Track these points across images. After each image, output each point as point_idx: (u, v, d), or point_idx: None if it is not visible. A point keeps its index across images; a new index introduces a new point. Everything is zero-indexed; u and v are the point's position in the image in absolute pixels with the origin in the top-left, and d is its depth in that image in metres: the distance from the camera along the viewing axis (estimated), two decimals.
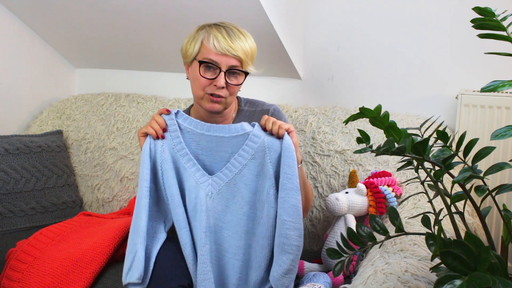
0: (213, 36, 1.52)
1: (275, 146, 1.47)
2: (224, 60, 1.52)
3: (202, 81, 1.54)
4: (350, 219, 1.74)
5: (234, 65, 1.54)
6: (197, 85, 1.56)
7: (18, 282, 1.73)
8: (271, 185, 1.46)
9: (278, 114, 1.69)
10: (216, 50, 1.52)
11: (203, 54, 1.54)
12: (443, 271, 0.98)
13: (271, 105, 1.72)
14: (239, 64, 1.55)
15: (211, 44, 1.52)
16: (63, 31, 2.57)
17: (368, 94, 2.25)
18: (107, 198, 2.36)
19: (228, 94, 1.57)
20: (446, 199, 1.14)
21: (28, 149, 2.27)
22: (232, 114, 1.69)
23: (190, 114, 1.72)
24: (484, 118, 1.97)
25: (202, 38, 1.55)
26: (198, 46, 1.55)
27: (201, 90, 1.56)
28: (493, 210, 1.97)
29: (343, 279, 1.64)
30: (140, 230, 1.46)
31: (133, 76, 2.72)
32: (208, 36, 1.53)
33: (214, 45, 1.52)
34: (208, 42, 1.53)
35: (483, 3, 1.12)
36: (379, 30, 2.19)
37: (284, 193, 1.43)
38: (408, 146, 1.03)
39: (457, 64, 2.09)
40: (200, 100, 1.58)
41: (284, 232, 1.42)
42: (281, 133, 1.46)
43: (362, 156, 1.97)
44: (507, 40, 1.03)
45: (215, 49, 1.52)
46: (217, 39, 1.52)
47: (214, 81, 1.53)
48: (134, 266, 1.43)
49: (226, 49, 1.51)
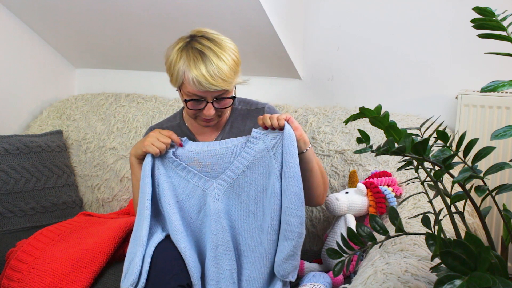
0: (193, 77, 1.48)
1: (276, 141, 1.49)
2: (209, 94, 1.52)
3: (190, 112, 1.57)
4: (350, 219, 1.74)
5: (220, 94, 1.54)
6: (187, 111, 1.59)
7: (18, 282, 1.73)
8: (275, 178, 1.47)
9: (273, 112, 1.69)
10: (198, 90, 1.50)
11: (186, 88, 1.52)
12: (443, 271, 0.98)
13: (266, 104, 1.72)
14: (223, 92, 1.54)
15: (191, 84, 1.50)
16: (63, 31, 2.57)
17: (368, 94, 2.25)
18: (107, 198, 2.36)
19: (221, 113, 1.60)
20: (446, 199, 1.14)
21: (28, 149, 2.27)
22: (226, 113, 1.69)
23: (183, 116, 1.74)
24: (484, 118, 1.97)
25: (182, 72, 1.51)
26: (180, 78, 1.52)
27: (192, 116, 1.59)
28: (493, 210, 1.97)
29: (343, 279, 1.64)
30: (141, 240, 1.47)
31: (133, 76, 2.72)
32: (188, 73, 1.49)
33: (195, 83, 1.49)
34: (188, 82, 1.50)
35: (483, 3, 1.12)
36: (379, 30, 2.18)
37: (287, 182, 1.45)
38: (408, 146, 1.03)
39: (457, 64, 2.09)
40: (193, 121, 1.64)
41: (286, 219, 1.45)
42: (281, 124, 1.48)
43: (362, 156, 1.97)
44: (507, 40, 1.03)
45: (197, 89, 1.50)
46: (198, 79, 1.48)
47: (202, 111, 1.55)
48: (129, 272, 1.45)
49: (207, 87, 1.49)
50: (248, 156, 1.51)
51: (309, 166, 1.57)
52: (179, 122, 1.72)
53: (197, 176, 1.53)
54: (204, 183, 1.53)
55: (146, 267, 1.44)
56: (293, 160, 1.45)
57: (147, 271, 1.44)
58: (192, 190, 1.54)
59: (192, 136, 1.69)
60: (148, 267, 1.45)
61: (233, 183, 1.52)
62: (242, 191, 1.52)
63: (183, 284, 1.45)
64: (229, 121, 1.68)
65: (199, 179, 1.54)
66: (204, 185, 1.53)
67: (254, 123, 1.66)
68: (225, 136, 1.67)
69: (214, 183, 1.53)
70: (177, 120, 1.73)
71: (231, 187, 1.52)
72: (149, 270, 1.45)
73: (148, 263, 1.45)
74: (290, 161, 1.45)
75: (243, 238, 1.53)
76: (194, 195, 1.54)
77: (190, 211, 1.54)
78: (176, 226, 1.50)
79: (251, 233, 1.52)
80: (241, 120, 1.69)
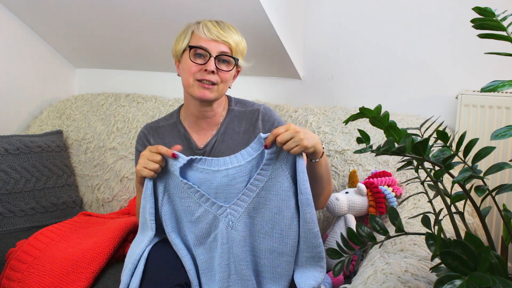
0: (203, 25, 1.57)
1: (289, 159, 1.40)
2: (214, 46, 1.55)
3: (193, 67, 1.56)
4: (350, 219, 1.75)
5: (224, 51, 1.56)
6: (187, 72, 1.57)
7: (18, 282, 1.73)
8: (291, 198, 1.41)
9: (268, 113, 1.68)
10: (206, 36, 1.55)
11: (193, 42, 1.58)
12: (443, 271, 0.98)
13: (261, 105, 1.71)
14: (229, 51, 1.57)
15: (201, 32, 1.56)
16: (63, 31, 2.57)
17: (368, 94, 2.25)
18: (107, 198, 2.35)
19: (220, 80, 1.57)
20: (446, 199, 1.14)
21: (28, 149, 2.27)
22: (222, 112, 1.68)
23: (180, 114, 1.71)
24: (484, 118, 1.97)
25: (192, 30, 1.59)
26: (188, 37, 1.59)
27: (191, 77, 1.56)
28: (493, 210, 1.97)
29: (343, 279, 1.64)
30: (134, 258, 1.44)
31: (133, 76, 2.72)
32: (198, 26, 1.58)
33: (204, 32, 1.56)
34: (198, 31, 1.57)
35: (483, 3, 1.12)
36: (379, 30, 2.18)
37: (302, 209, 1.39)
38: (408, 146, 1.03)
39: (457, 64, 2.09)
40: (190, 88, 1.58)
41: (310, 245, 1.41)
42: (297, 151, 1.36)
43: (362, 156, 1.97)
44: (507, 40, 1.03)
45: (205, 36, 1.55)
46: (207, 27, 1.56)
47: (204, 66, 1.55)
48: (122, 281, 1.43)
49: (216, 35, 1.55)
50: (262, 178, 1.41)
51: (316, 176, 1.50)
52: (176, 120, 1.70)
53: (209, 201, 1.43)
54: (217, 209, 1.43)
55: (140, 269, 1.42)
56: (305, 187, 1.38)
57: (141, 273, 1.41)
58: (203, 214, 1.44)
59: (187, 134, 1.67)
60: (142, 269, 1.42)
61: (247, 206, 1.42)
62: (256, 213, 1.43)
63: (181, 283, 1.42)
64: (225, 122, 1.67)
65: (211, 205, 1.43)
66: (217, 211, 1.43)
67: (250, 125, 1.65)
68: (219, 137, 1.66)
69: (228, 209, 1.43)
70: (174, 119, 1.71)
71: (246, 211, 1.42)
72: (145, 270, 1.42)
73: (142, 265, 1.42)
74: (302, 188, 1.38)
75: (261, 259, 1.45)
76: (204, 220, 1.45)
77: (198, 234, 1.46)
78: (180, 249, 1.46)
79: (269, 254, 1.44)
80: (236, 122, 1.68)
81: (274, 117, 1.68)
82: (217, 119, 1.67)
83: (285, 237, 1.42)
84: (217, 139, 1.66)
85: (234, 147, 1.64)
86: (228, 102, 1.72)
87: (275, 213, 1.42)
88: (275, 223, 1.42)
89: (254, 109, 1.69)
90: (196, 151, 1.66)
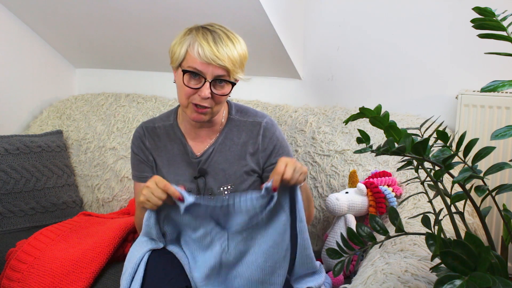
0: (198, 44, 1.44)
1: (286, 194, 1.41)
2: (209, 70, 1.45)
3: (187, 90, 1.48)
4: (350, 219, 1.74)
5: (220, 74, 1.46)
6: (182, 93, 1.50)
7: (18, 282, 1.73)
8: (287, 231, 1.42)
9: (271, 129, 1.62)
10: (201, 59, 1.44)
11: (187, 62, 1.47)
12: (443, 271, 0.98)
13: (264, 117, 1.64)
14: (225, 73, 1.47)
15: (196, 52, 1.44)
16: (63, 31, 2.57)
17: (368, 94, 2.25)
18: (107, 198, 2.35)
19: (214, 104, 1.50)
20: (446, 199, 1.14)
21: (28, 149, 2.28)
22: (221, 120, 1.63)
23: (178, 116, 1.66)
24: (484, 118, 1.97)
25: (187, 44, 1.47)
26: (183, 52, 1.48)
27: (185, 99, 1.49)
28: (493, 210, 1.97)
29: (343, 279, 1.64)
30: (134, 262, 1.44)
31: (133, 76, 2.72)
32: (193, 43, 1.45)
33: (199, 53, 1.44)
34: (192, 50, 1.45)
35: (483, 3, 1.12)
36: (379, 30, 2.18)
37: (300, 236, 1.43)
38: (408, 146, 1.03)
39: (457, 64, 2.09)
40: (185, 108, 1.52)
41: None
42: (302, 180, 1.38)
43: (362, 156, 1.97)
44: (507, 40, 1.03)
45: (200, 58, 1.44)
46: (202, 47, 1.44)
47: (198, 90, 1.47)
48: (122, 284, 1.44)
49: (211, 58, 1.43)
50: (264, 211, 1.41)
51: None
52: (172, 123, 1.65)
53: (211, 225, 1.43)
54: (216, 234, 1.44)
55: (141, 273, 1.41)
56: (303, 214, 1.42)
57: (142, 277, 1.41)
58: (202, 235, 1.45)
59: (184, 140, 1.63)
60: (142, 273, 1.41)
61: (247, 235, 1.43)
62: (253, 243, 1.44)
63: (181, 286, 1.41)
64: (224, 131, 1.62)
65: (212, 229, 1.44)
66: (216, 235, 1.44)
67: (249, 137, 1.61)
68: (217, 147, 1.61)
69: (226, 234, 1.44)
70: (171, 121, 1.66)
71: (244, 239, 1.43)
72: (146, 274, 1.41)
73: (142, 269, 1.42)
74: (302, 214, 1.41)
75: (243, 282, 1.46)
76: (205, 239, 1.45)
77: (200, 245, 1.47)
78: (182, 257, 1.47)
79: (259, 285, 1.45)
80: (236, 132, 1.62)
81: (276, 135, 1.63)
82: (216, 127, 1.62)
83: (277, 268, 1.44)
84: (214, 148, 1.61)
85: (231, 159, 1.61)
86: (228, 110, 1.65)
87: (270, 246, 1.43)
88: (268, 256, 1.43)
89: (256, 121, 1.63)
90: (192, 159, 1.61)
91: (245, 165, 1.61)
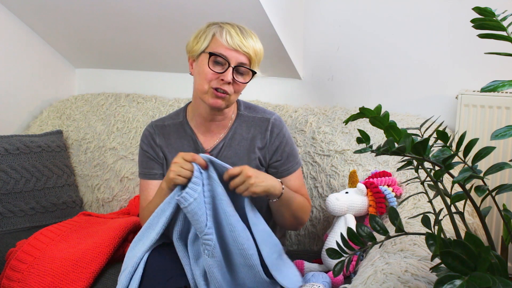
0: (227, 31, 1.53)
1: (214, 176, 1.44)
2: (234, 56, 1.52)
3: (209, 74, 1.52)
4: (350, 219, 1.74)
5: (243, 62, 1.53)
6: (203, 78, 1.54)
7: (18, 282, 1.73)
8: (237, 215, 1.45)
9: (279, 125, 1.67)
10: (228, 45, 1.51)
11: (213, 48, 1.53)
12: (443, 271, 0.98)
13: (272, 114, 1.68)
14: (247, 62, 1.54)
15: (224, 39, 1.52)
16: (63, 31, 2.57)
17: (368, 94, 2.25)
18: (107, 198, 2.35)
19: (233, 91, 1.55)
20: (446, 199, 1.14)
21: (28, 149, 2.27)
22: (231, 116, 1.67)
23: (187, 113, 1.70)
24: (484, 118, 1.97)
25: (213, 32, 1.54)
26: (208, 39, 1.55)
27: (206, 83, 1.53)
28: (493, 210, 1.97)
29: (343, 279, 1.64)
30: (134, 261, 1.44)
31: (133, 76, 2.72)
32: (221, 31, 1.53)
33: (227, 39, 1.52)
34: (220, 36, 1.53)
35: (483, 3, 1.12)
36: (379, 30, 2.19)
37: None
38: (408, 146, 1.03)
39: (457, 64, 2.09)
40: (204, 94, 1.55)
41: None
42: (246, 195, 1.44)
43: (362, 156, 1.97)
44: (507, 40, 1.03)
45: (227, 44, 1.52)
46: (230, 34, 1.52)
47: (221, 75, 1.51)
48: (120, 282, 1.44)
49: (238, 45, 1.51)
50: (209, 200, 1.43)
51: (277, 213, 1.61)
52: (182, 120, 1.69)
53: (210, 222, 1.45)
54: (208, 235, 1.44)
55: (140, 271, 1.41)
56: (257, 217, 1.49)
57: (140, 275, 1.41)
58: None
59: (194, 136, 1.66)
60: (141, 271, 1.42)
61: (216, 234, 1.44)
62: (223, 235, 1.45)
63: (180, 286, 1.41)
64: (233, 127, 1.66)
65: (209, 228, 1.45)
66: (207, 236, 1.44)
67: (258, 132, 1.65)
68: (227, 142, 1.65)
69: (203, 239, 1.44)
70: (180, 119, 1.70)
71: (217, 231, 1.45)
72: (144, 273, 1.42)
73: (142, 268, 1.42)
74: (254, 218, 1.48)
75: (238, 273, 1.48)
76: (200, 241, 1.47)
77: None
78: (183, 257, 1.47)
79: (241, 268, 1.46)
80: (245, 127, 1.66)
81: (283, 132, 1.67)
82: (226, 122, 1.66)
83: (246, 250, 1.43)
84: (224, 143, 1.65)
85: (241, 153, 1.64)
86: (237, 106, 1.70)
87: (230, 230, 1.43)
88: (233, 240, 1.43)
89: (265, 117, 1.67)
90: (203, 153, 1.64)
91: (255, 158, 1.65)
